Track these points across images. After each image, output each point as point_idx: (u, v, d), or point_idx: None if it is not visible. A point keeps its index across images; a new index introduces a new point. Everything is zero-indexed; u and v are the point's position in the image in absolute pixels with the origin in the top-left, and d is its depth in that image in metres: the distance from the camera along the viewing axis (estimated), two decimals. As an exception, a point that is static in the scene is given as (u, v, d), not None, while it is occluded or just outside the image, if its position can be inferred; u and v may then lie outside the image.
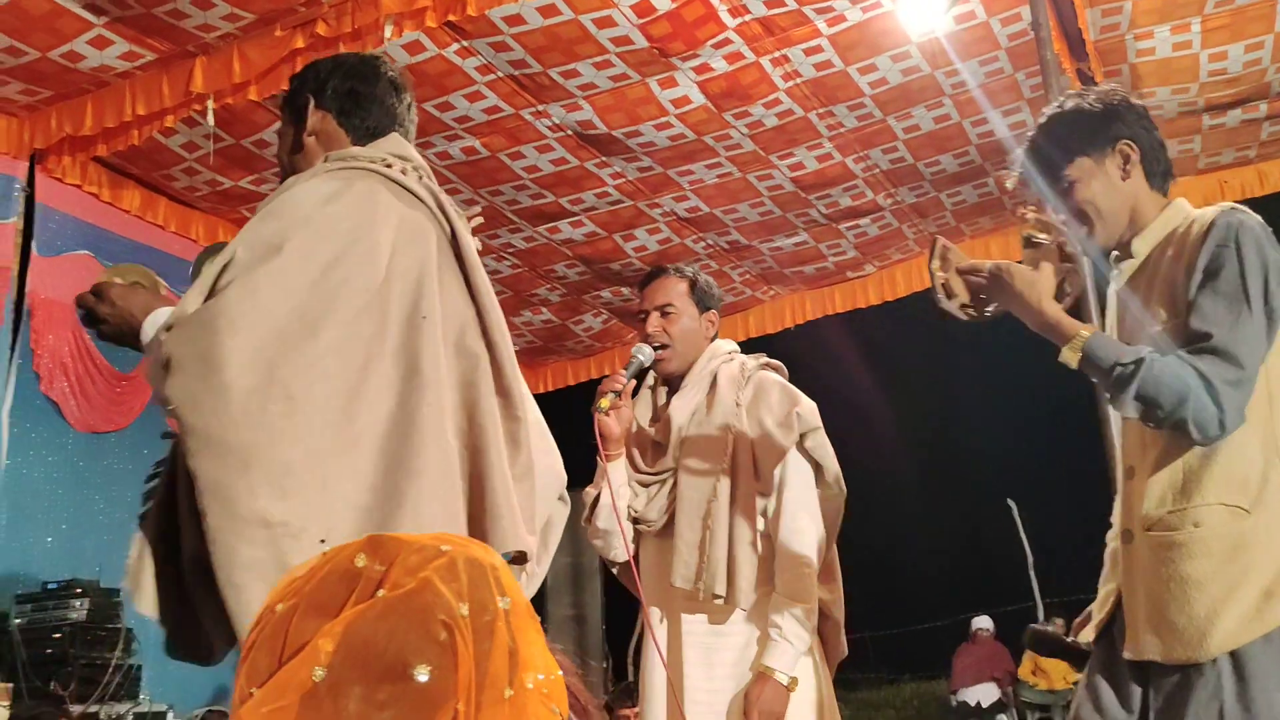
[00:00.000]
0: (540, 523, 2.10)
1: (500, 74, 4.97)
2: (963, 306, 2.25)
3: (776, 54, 5.00)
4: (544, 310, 7.76)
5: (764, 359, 3.10)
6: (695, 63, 4.99)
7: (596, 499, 3.03)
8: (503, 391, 1.93)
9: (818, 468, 2.91)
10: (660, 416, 3.07)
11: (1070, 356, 2.07)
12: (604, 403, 2.94)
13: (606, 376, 3.08)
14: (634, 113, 5.35)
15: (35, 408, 5.26)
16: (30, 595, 5.02)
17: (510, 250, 6.76)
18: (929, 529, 16.33)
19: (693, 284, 3.04)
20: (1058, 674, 10.69)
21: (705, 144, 5.71)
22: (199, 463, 1.59)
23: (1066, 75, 5.12)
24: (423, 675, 0.79)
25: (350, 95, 2.06)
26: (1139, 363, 1.98)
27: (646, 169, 5.93)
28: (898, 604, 14.19)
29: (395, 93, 2.08)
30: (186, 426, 1.60)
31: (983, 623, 11.31)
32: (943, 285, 2.25)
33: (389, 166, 1.94)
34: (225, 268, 1.72)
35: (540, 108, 5.27)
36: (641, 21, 4.64)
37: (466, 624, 0.82)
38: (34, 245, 5.22)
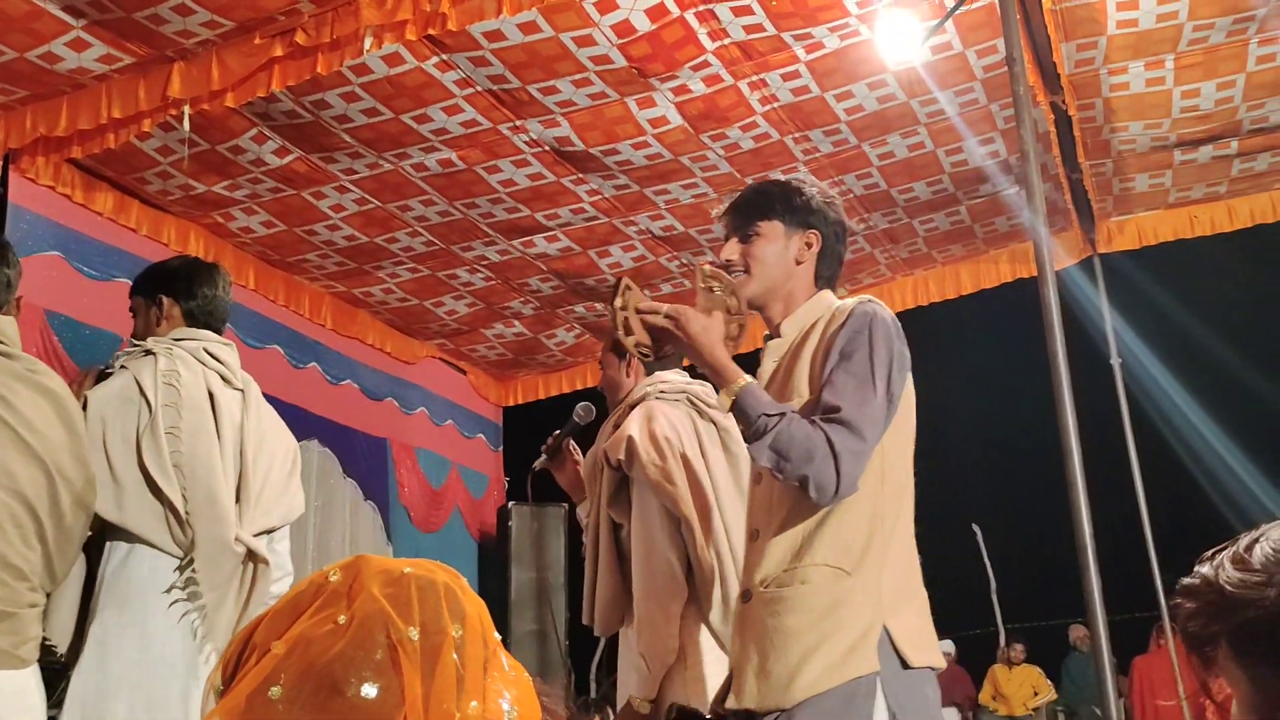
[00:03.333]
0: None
1: (479, 88, 4.98)
2: (638, 345, 2.41)
3: (754, 78, 5.03)
4: (516, 323, 7.76)
5: (657, 386, 3.40)
6: (674, 84, 5.02)
7: None
8: None
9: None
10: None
11: (726, 400, 2.27)
12: (536, 465, 3.52)
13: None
14: (612, 131, 5.37)
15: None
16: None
17: (484, 263, 6.76)
18: (894, 551, 16.34)
19: (613, 340, 3.46)
20: (1018, 700, 10.76)
21: (682, 164, 5.74)
22: None
23: (1040, 107, 5.19)
24: (369, 692, 0.81)
25: None
26: (781, 416, 2.17)
27: (623, 187, 5.95)
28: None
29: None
30: None
31: (944, 646, 11.36)
32: (623, 323, 2.40)
33: None
34: None
35: (518, 123, 5.28)
36: (621, 41, 4.66)
37: (415, 646, 0.83)
38: (3, 245, 5.17)
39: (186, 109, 4.64)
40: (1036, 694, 10.85)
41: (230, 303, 3.25)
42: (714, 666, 2.98)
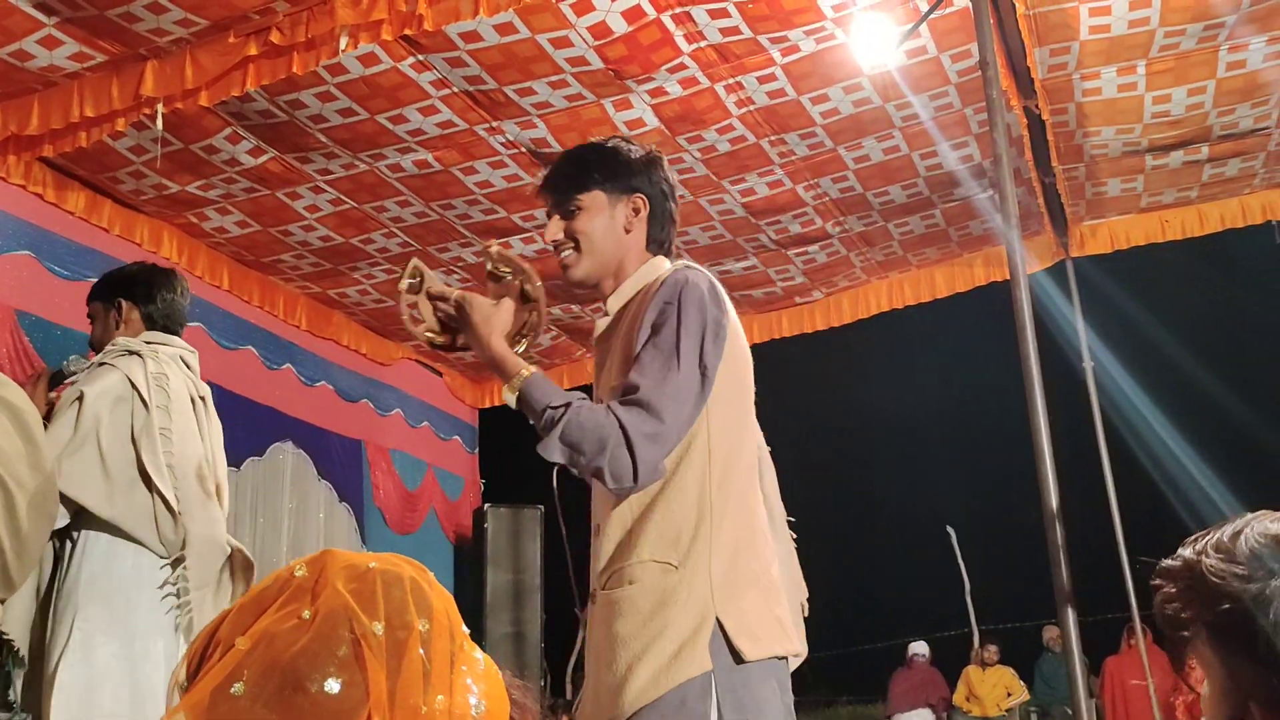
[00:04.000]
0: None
1: (455, 89, 4.97)
2: (429, 333, 2.23)
3: (730, 81, 5.05)
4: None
5: None
6: (650, 86, 5.02)
7: None
8: None
9: None
10: None
11: (509, 396, 2.09)
12: None
13: None
14: (588, 133, 5.37)
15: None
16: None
17: (460, 264, 6.75)
18: (869, 553, 16.46)
19: None
20: (991, 700, 10.80)
21: (658, 166, 5.74)
22: None
23: (1014, 112, 5.23)
24: (333, 687, 0.81)
25: None
26: (566, 407, 2.01)
27: (599, 189, 5.94)
28: (836, 626, 14.29)
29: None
30: None
31: (919, 648, 11.42)
32: (410, 308, 2.24)
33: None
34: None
35: (494, 124, 5.27)
36: (598, 43, 4.66)
37: (379, 641, 0.83)
38: (-26, 244, 5.14)
39: (160, 108, 4.60)
40: (1010, 695, 10.90)
41: (188, 307, 3.32)
42: None
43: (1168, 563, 1.12)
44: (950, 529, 12.77)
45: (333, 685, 0.80)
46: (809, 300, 7.62)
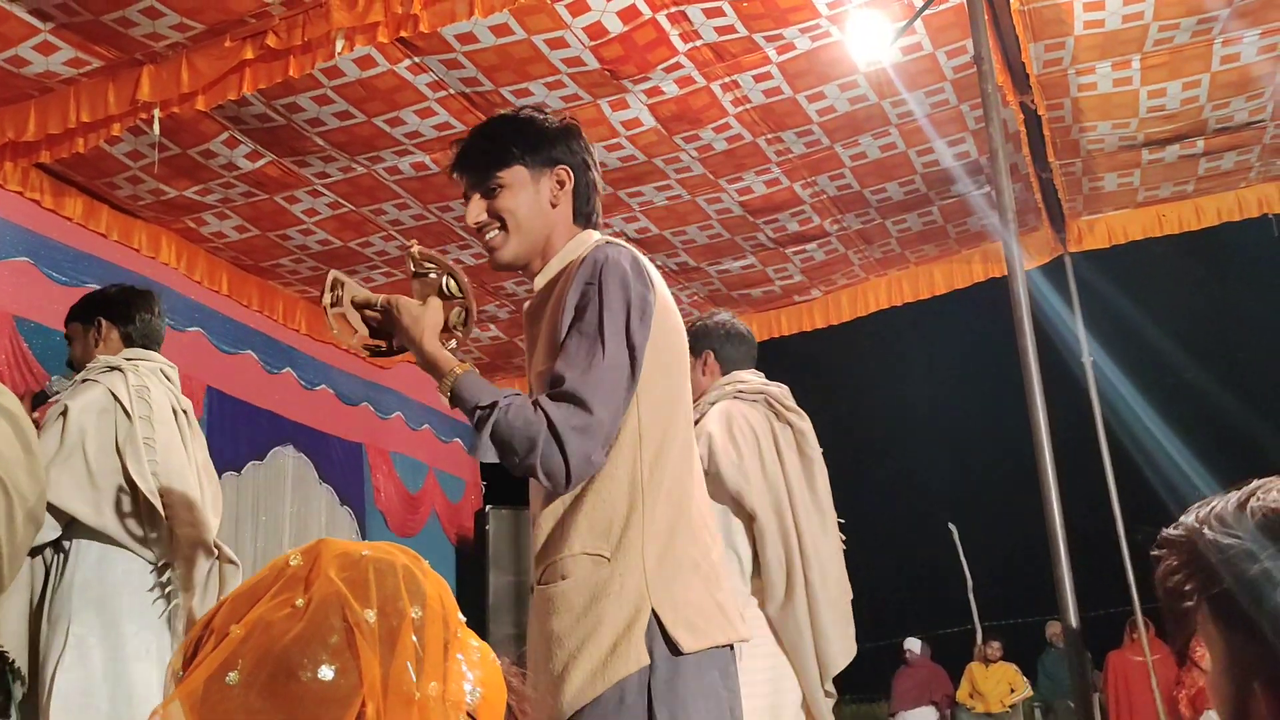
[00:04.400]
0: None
1: (452, 91, 4.97)
2: (365, 343, 2.18)
3: (727, 79, 5.05)
4: (492, 327, 7.75)
5: (735, 387, 3.39)
6: (646, 85, 5.03)
7: None
8: None
9: None
10: None
11: (444, 394, 2.04)
12: None
13: None
14: (585, 133, 5.36)
15: (-31, 417, 5.15)
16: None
17: (460, 266, 6.73)
18: (870, 550, 16.45)
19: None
20: (994, 697, 10.82)
21: (655, 166, 5.75)
22: None
23: (1010, 108, 5.23)
24: (326, 674, 0.81)
25: None
26: (493, 407, 1.94)
27: (596, 189, 5.95)
28: (838, 625, 14.27)
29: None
30: None
31: (912, 645, 11.40)
32: (338, 320, 2.18)
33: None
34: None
35: (491, 126, 5.27)
36: (593, 44, 4.67)
37: (372, 628, 0.84)
38: (-28, 252, 5.14)
39: (156, 112, 4.60)
40: (1013, 691, 10.91)
41: (164, 329, 3.44)
42: (753, 662, 3.04)
43: (1169, 532, 1.09)
44: (952, 525, 12.79)
45: (326, 673, 0.81)
46: (808, 298, 7.62)
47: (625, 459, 1.97)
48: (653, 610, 1.90)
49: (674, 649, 1.90)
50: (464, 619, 0.92)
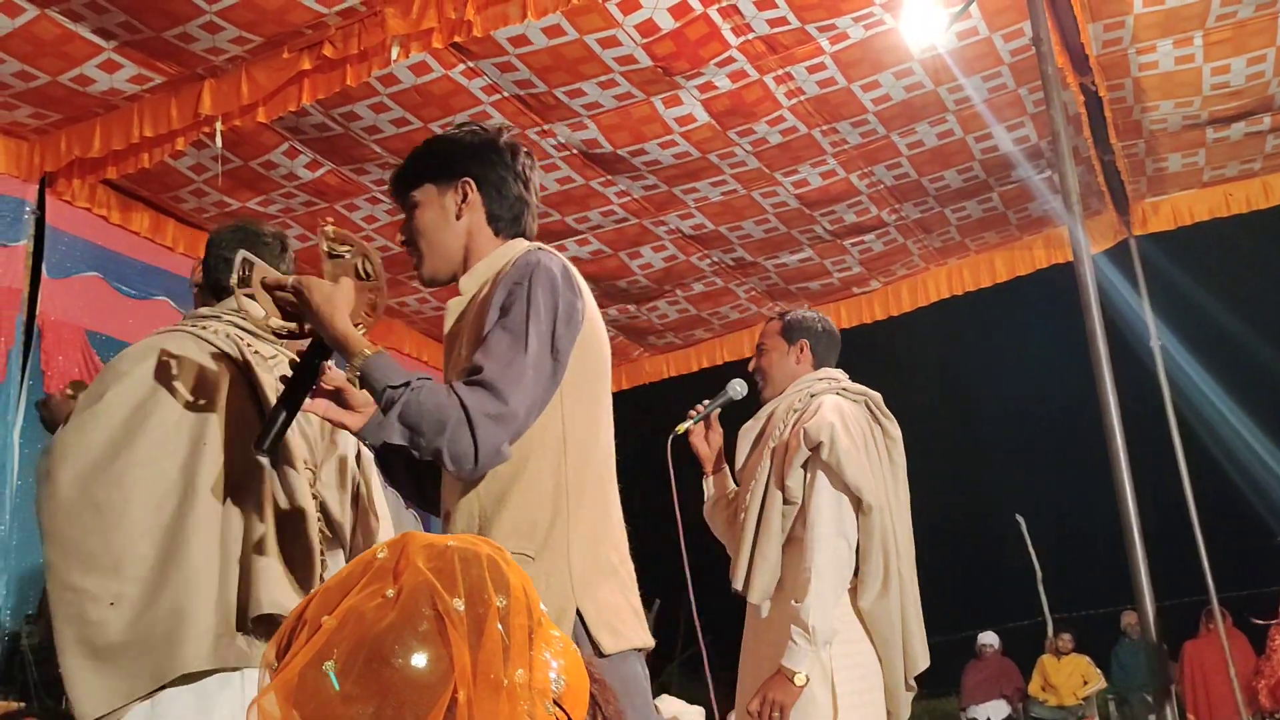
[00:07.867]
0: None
1: (506, 94, 5.00)
2: (276, 324, 2.16)
3: (780, 72, 5.03)
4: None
5: (839, 383, 3.45)
6: (699, 81, 5.02)
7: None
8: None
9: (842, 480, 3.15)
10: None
11: (352, 375, 2.03)
12: (680, 428, 3.48)
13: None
14: (639, 131, 5.38)
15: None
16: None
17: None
18: (938, 544, 16.31)
19: (784, 325, 3.53)
20: (1067, 690, 10.66)
21: (710, 161, 5.74)
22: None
23: (1070, 90, 5.15)
24: (419, 661, 0.83)
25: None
26: (405, 387, 1.94)
27: (652, 187, 5.96)
28: (906, 620, 14.16)
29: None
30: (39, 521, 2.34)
31: (988, 639, 11.30)
32: (245, 301, 2.17)
33: (202, 326, 2.50)
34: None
35: (546, 127, 5.30)
36: (645, 41, 4.67)
37: (460, 617, 0.85)
38: (44, 268, 5.25)
39: (219, 125, 4.70)
40: (1086, 683, 10.75)
41: None
42: (849, 647, 3.10)
43: None
44: (1020, 517, 12.63)
45: (419, 659, 0.83)
46: (867, 290, 7.56)
47: (549, 463, 1.99)
48: (577, 610, 1.92)
49: (597, 650, 1.92)
50: (545, 609, 0.94)
